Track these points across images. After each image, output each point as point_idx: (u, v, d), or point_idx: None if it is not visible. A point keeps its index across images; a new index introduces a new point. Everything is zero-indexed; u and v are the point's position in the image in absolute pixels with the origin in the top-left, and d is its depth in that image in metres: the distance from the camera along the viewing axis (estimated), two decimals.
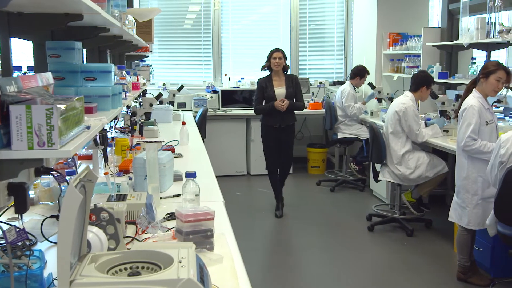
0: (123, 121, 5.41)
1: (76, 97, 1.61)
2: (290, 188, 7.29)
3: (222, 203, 2.83)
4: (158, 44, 8.06)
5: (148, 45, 5.96)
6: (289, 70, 5.86)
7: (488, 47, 5.63)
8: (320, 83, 8.22)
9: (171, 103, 6.47)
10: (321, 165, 7.84)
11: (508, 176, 3.44)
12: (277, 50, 5.69)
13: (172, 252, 1.47)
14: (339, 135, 6.94)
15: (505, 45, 5.32)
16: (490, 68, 4.01)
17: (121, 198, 2.45)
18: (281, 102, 5.57)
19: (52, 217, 2.28)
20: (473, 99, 4.00)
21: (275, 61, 5.62)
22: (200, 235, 2.02)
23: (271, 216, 5.95)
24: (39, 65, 2.37)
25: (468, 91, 4.14)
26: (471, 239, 4.14)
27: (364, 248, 5.07)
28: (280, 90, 5.67)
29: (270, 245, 5.07)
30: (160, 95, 5.66)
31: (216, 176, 3.54)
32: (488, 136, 3.99)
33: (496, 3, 5.17)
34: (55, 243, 1.74)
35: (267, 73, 5.84)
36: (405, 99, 5.18)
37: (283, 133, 5.77)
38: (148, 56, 7.11)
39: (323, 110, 7.40)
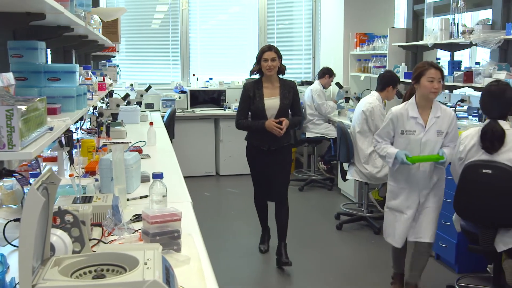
0: (89, 122, 5.35)
1: (38, 98, 1.59)
2: None
3: (190, 203, 2.81)
4: (126, 44, 7.98)
5: (114, 45, 5.89)
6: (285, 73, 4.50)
7: (452, 48, 5.74)
8: None
9: (139, 103, 6.43)
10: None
11: (465, 172, 3.50)
12: (269, 48, 4.30)
13: (137, 254, 1.46)
14: (308, 135, 6.98)
15: (468, 45, 5.42)
16: (418, 71, 3.74)
17: (87, 200, 2.42)
18: (276, 122, 4.25)
19: (15, 220, 2.23)
20: (399, 106, 3.83)
21: (267, 63, 4.23)
22: (167, 236, 2.00)
23: (240, 216, 5.95)
24: (1, 66, 2.32)
25: (407, 98, 3.93)
26: (393, 250, 4.04)
27: (333, 246, 5.11)
28: (272, 102, 4.33)
29: (238, 246, 5.06)
30: (127, 95, 5.61)
31: (185, 177, 3.53)
32: (402, 147, 3.73)
33: (459, 5, 5.27)
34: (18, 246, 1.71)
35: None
36: (372, 98, 5.24)
37: (275, 156, 4.43)
38: (115, 56, 7.03)
39: None
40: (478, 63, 5.29)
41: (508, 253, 3.60)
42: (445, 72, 5.66)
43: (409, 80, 6.02)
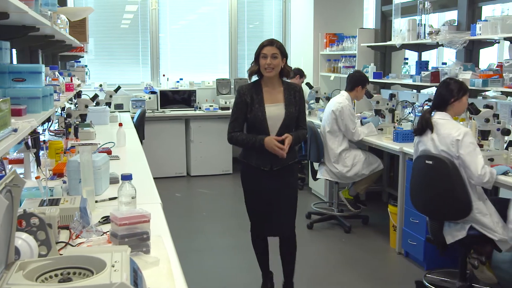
0: (57, 123, 5.27)
1: (2, 99, 1.56)
2: (230, 189, 7.32)
3: (159, 205, 2.79)
4: (94, 44, 7.88)
5: (83, 45, 5.81)
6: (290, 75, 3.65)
7: (419, 48, 5.83)
8: None
9: (108, 104, 6.36)
10: None
11: (415, 164, 3.75)
12: (270, 42, 3.47)
13: (105, 256, 1.44)
14: None
15: (435, 46, 5.52)
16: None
17: (54, 202, 2.38)
18: (278, 141, 3.45)
19: None
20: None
21: (266, 61, 3.42)
22: (135, 238, 1.98)
23: (212, 217, 5.94)
24: None
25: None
26: None
27: (304, 245, 5.11)
28: (275, 109, 3.50)
29: (209, 246, 5.05)
30: (96, 96, 5.55)
31: (155, 178, 3.50)
32: None
33: (425, 6, 5.36)
34: None
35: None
36: (341, 98, 5.28)
37: (279, 178, 3.60)
38: (83, 57, 6.94)
39: None
40: (445, 63, 5.38)
41: (476, 250, 3.69)
42: (413, 72, 5.77)
43: (378, 80, 6.15)
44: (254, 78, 3.61)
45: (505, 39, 4.55)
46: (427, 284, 4.02)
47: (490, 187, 3.49)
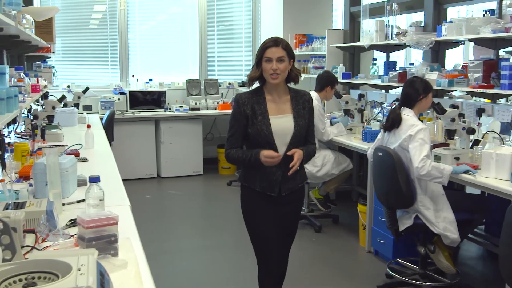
0: (23, 125, 5.18)
1: None
2: (201, 190, 7.30)
3: (128, 207, 2.77)
4: (62, 45, 7.77)
5: (49, 46, 5.72)
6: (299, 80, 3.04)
7: (387, 49, 5.90)
8: (229, 84, 8.26)
9: (76, 105, 6.28)
10: (231, 165, 7.88)
11: (373, 155, 3.94)
12: (275, 43, 2.89)
13: (71, 260, 1.42)
14: None
15: (402, 46, 5.60)
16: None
17: (19, 206, 2.33)
18: (282, 156, 2.89)
19: None
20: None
21: (271, 65, 2.85)
22: (103, 240, 1.96)
23: (182, 218, 5.91)
24: None
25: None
26: None
27: None
28: (282, 122, 2.95)
29: (180, 248, 5.03)
30: (63, 97, 5.48)
31: (125, 180, 3.47)
32: None
33: (393, 7, 5.43)
34: None
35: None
36: None
37: (287, 205, 3.06)
38: (50, 57, 6.83)
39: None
40: (412, 64, 5.47)
41: (439, 243, 3.78)
42: (381, 72, 5.85)
43: (347, 81, 6.21)
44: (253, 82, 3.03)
45: (470, 40, 4.64)
46: (389, 272, 4.15)
47: (442, 183, 3.59)
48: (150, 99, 7.70)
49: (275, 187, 2.98)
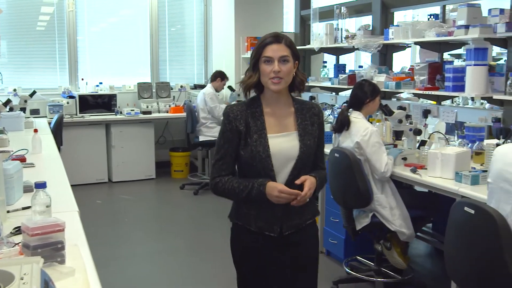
0: None
1: None
2: (153, 194, 7.24)
3: (76, 212, 2.72)
4: (8, 47, 7.55)
5: None
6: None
7: (337, 52, 6.01)
8: (181, 86, 8.22)
9: (23, 109, 6.12)
10: (184, 168, 7.84)
11: (329, 156, 3.96)
12: (276, 38, 2.27)
13: (13, 269, 1.38)
14: (201, 138, 6.99)
15: (352, 49, 5.70)
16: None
17: None
18: (294, 186, 2.29)
19: None
20: None
21: (272, 67, 2.24)
22: (49, 248, 1.92)
23: (134, 223, 5.84)
24: None
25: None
26: None
27: (228, 248, 5.13)
28: (283, 142, 2.34)
29: (132, 253, 4.96)
30: (8, 101, 5.34)
31: (75, 185, 3.41)
32: None
33: (342, 11, 5.53)
34: None
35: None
36: None
37: (292, 248, 2.42)
38: None
39: (184, 114, 7.40)
40: (362, 66, 5.58)
41: (393, 240, 3.89)
42: (331, 75, 5.94)
43: None
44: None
45: (415, 43, 4.77)
46: (346, 269, 4.23)
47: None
48: (101, 102, 7.57)
49: (276, 225, 2.35)
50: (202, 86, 7.90)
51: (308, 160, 2.38)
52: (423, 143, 4.13)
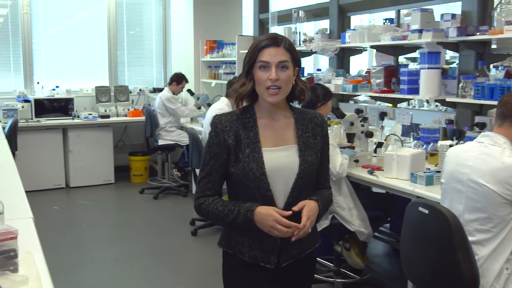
0: None
1: None
2: (112, 199, 7.14)
3: (31, 219, 2.65)
4: None
5: None
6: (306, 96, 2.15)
7: None
8: (140, 90, 8.14)
9: None
10: (143, 173, 7.76)
11: None
12: (275, 41, 1.98)
13: None
14: (160, 142, 6.94)
15: (310, 53, 5.76)
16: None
17: None
18: (290, 214, 1.99)
19: None
20: None
21: (268, 74, 1.96)
22: (1, 256, 1.87)
23: (93, 228, 5.75)
24: None
25: None
26: None
27: (188, 252, 5.12)
28: (280, 157, 2.05)
29: (91, 259, 4.88)
30: None
31: (31, 191, 3.35)
32: None
33: (300, 15, 5.58)
34: None
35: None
36: (222, 104, 5.35)
37: (289, 280, 2.16)
38: None
39: (143, 118, 7.33)
40: (320, 70, 5.64)
41: (352, 241, 3.95)
42: None
43: None
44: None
45: (371, 47, 4.86)
46: None
47: None
48: (57, 106, 7.42)
49: (272, 255, 2.05)
50: (161, 90, 7.83)
51: (310, 178, 2.08)
52: (379, 145, 4.21)
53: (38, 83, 7.64)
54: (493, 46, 4.08)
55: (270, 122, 2.08)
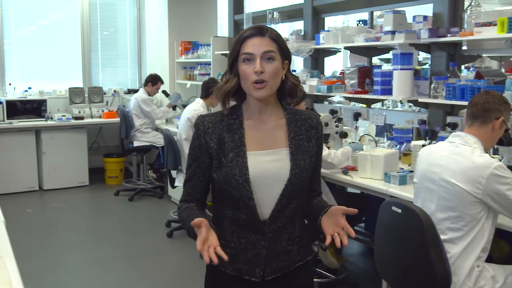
0: None
1: None
2: (87, 201, 7.07)
3: (2, 223, 2.62)
4: None
5: None
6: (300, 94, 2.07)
7: None
8: (115, 91, 8.07)
9: None
10: (118, 174, 7.69)
11: None
12: (259, 31, 1.80)
13: None
14: (135, 143, 6.89)
15: None
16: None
17: None
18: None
19: None
20: None
21: (253, 66, 1.77)
22: None
23: (67, 232, 5.68)
24: None
25: None
26: None
27: (164, 254, 5.09)
28: (267, 161, 1.85)
29: (65, 263, 4.83)
30: None
31: (3, 194, 3.29)
32: None
33: (274, 16, 5.60)
34: None
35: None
36: (197, 105, 5.34)
37: None
38: None
39: (118, 119, 7.27)
40: (295, 71, 5.66)
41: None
42: None
43: None
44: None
45: (345, 48, 4.90)
46: None
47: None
48: (30, 108, 7.31)
49: (257, 268, 1.88)
50: (136, 91, 7.76)
51: (302, 184, 1.89)
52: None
53: (10, 84, 7.52)
54: (464, 48, 4.15)
55: (258, 123, 1.88)
